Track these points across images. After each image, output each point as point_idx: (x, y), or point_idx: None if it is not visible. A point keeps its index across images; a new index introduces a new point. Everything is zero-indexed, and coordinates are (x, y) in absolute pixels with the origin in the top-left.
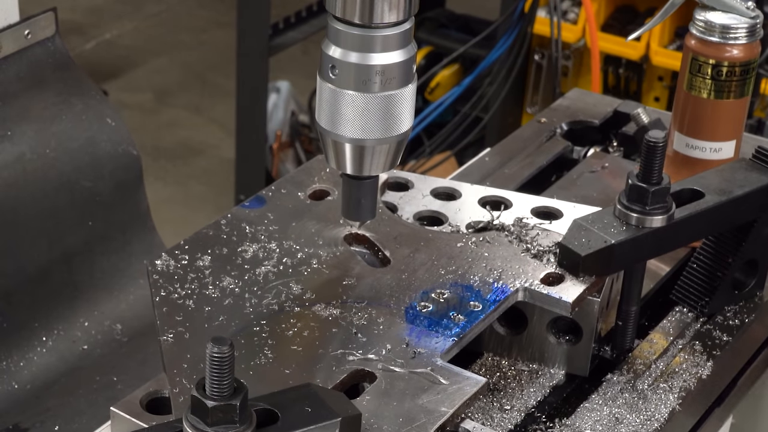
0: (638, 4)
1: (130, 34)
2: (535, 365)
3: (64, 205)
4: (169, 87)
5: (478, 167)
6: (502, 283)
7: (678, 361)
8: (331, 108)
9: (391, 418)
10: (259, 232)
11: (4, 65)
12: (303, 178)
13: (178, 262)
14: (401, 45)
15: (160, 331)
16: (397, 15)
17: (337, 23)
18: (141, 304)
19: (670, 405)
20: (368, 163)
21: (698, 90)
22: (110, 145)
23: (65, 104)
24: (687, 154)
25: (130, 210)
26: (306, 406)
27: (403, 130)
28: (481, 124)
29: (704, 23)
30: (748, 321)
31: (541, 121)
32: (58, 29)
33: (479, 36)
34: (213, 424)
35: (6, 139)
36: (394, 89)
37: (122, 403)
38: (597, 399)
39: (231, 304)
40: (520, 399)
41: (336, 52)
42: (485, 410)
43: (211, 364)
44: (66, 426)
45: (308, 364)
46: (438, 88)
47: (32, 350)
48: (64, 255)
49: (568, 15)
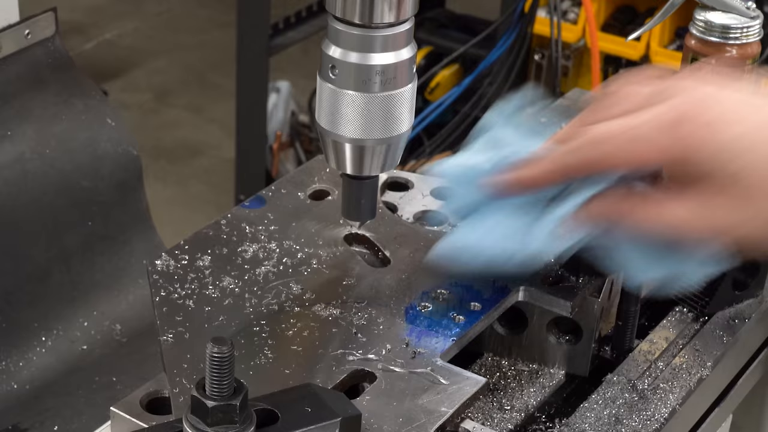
0: (638, 4)
1: (130, 34)
2: (535, 365)
3: (63, 204)
4: (169, 87)
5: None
6: (502, 282)
7: (678, 361)
8: (331, 108)
9: (391, 418)
10: (259, 232)
11: (4, 65)
12: (303, 178)
13: (178, 262)
14: (401, 45)
15: (160, 331)
16: (397, 15)
17: (337, 23)
18: (141, 304)
19: (670, 405)
20: (368, 163)
21: None
22: (110, 145)
23: (65, 104)
24: None
25: (130, 210)
26: (306, 406)
27: (403, 130)
28: None
29: (704, 23)
30: (748, 321)
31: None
32: (58, 29)
33: (479, 36)
34: (213, 424)
35: (6, 139)
36: (394, 89)
37: (122, 403)
38: (597, 399)
39: (231, 304)
40: (520, 399)
41: (336, 52)
42: (485, 410)
43: (211, 364)
44: (65, 426)
45: (308, 364)
46: (438, 88)
47: (31, 350)
48: (63, 255)
49: (568, 15)
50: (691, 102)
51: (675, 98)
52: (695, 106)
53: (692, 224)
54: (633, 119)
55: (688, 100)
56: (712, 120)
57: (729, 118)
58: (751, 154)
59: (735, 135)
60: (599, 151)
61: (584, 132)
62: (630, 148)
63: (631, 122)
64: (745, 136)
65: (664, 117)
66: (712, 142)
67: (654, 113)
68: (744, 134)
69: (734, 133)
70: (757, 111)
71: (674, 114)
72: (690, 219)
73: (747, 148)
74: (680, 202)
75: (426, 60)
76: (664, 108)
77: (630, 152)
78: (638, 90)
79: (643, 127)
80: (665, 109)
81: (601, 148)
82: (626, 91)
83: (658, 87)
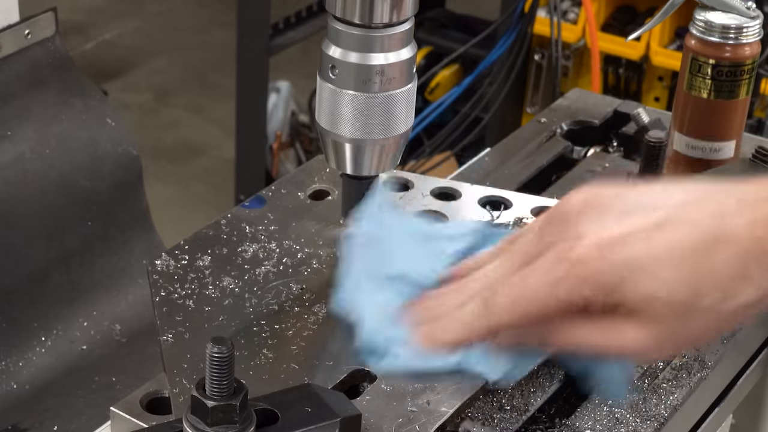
0: (638, 4)
1: (130, 34)
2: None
3: (63, 204)
4: (169, 87)
5: (478, 167)
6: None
7: (678, 361)
8: (331, 108)
9: (391, 418)
10: (259, 232)
11: (4, 65)
12: (303, 178)
13: (178, 262)
14: (401, 45)
15: (160, 331)
16: (397, 15)
17: (337, 23)
18: (140, 304)
19: (671, 405)
20: (368, 163)
21: (698, 90)
22: (110, 145)
23: (65, 104)
24: (687, 154)
25: (130, 210)
26: (306, 406)
27: (403, 130)
28: (481, 124)
29: (704, 23)
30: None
31: (541, 121)
32: (58, 29)
33: (479, 36)
34: (213, 424)
35: (6, 139)
36: (394, 89)
37: (122, 403)
38: (597, 399)
39: (231, 304)
40: (520, 399)
41: (336, 52)
42: (485, 410)
43: (211, 364)
44: (65, 426)
45: (308, 364)
46: (438, 88)
47: (31, 350)
48: (63, 255)
49: (568, 15)
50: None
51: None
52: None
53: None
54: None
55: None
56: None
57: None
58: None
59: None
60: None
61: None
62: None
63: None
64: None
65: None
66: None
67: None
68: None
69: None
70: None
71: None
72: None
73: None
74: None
75: (426, 60)
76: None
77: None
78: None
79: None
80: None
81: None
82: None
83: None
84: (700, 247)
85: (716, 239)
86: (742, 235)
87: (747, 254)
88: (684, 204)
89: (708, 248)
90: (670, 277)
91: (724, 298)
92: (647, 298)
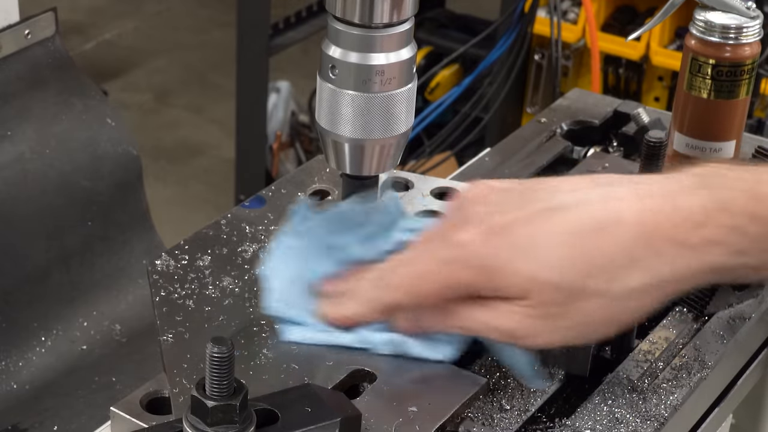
0: (638, 4)
1: (130, 34)
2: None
3: (63, 204)
4: (169, 87)
5: (478, 167)
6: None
7: (678, 361)
8: (331, 108)
9: (391, 418)
10: (259, 232)
11: (4, 65)
12: (303, 178)
13: (178, 262)
14: (401, 45)
15: (160, 331)
16: (397, 15)
17: (337, 23)
18: (140, 304)
19: (670, 405)
20: (368, 163)
21: (698, 90)
22: (110, 145)
23: (65, 104)
24: (687, 154)
25: (130, 210)
26: (306, 406)
27: (403, 130)
28: (481, 124)
29: (704, 23)
30: (748, 321)
31: (541, 121)
32: (58, 29)
33: (479, 36)
34: (213, 424)
35: (6, 139)
36: (394, 89)
37: (122, 403)
38: (597, 399)
39: (231, 304)
40: (520, 399)
41: (336, 52)
42: (485, 410)
43: (211, 364)
44: (65, 426)
45: (308, 364)
46: (438, 88)
47: (31, 350)
48: (63, 255)
49: (568, 15)
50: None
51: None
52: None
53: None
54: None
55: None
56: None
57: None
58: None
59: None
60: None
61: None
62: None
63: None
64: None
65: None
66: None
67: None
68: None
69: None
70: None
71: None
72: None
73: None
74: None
75: (426, 60)
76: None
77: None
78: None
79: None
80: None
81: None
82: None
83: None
84: (587, 232)
85: (605, 224)
86: (630, 221)
87: (635, 239)
88: (575, 191)
89: (596, 232)
90: (554, 259)
91: (611, 279)
92: (528, 280)
